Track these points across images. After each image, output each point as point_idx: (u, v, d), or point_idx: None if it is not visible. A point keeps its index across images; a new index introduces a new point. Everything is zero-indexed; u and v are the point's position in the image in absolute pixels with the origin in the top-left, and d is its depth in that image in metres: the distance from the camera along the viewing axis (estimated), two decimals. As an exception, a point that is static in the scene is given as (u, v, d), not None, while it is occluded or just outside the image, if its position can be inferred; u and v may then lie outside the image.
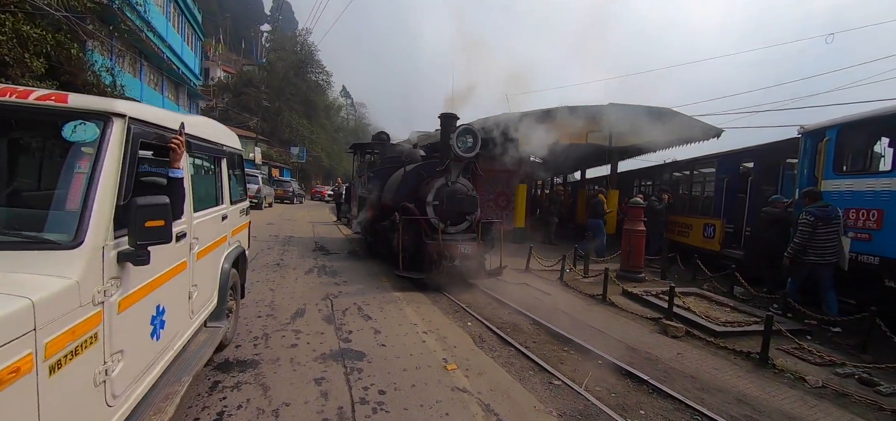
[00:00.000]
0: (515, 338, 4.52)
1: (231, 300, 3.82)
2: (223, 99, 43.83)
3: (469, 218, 6.72)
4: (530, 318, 5.20)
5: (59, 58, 10.14)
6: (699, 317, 5.20)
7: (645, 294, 6.29)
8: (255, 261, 7.64)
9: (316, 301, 5.35)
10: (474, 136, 6.48)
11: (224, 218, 3.55)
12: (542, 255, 8.76)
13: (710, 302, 6.34)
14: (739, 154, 8.90)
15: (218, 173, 3.50)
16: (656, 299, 6.00)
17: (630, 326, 5.23)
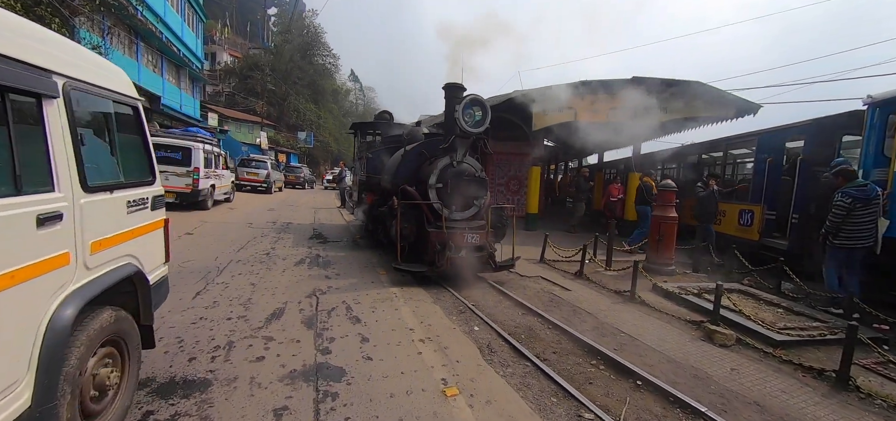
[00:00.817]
0: (531, 347, 3.74)
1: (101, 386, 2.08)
2: (229, 83, 43.29)
3: (477, 203, 5.90)
4: (548, 320, 4.41)
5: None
6: (753, 322, 4.34)
7: (682, 291, 5.43)
8: (243, 251, 6.97)
9: (300, 298, 4.63)
10: (483, 108, 5.63)
11: (47, 220, 1.74)
12: (559, 244, 7.92)
13: (757, 301, 5.47)
14: (785, 131, 7.87)
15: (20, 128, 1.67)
16: (697, 298, 5.14)
17: (667, 331, 4.40)
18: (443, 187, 5.70)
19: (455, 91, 5.93)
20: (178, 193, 11.04)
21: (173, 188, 10.87)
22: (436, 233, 5.44)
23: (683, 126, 12.52)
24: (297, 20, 49.55)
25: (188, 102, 24.54)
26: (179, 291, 4.71)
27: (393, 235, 5.76)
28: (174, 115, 21.42)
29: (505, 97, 10.62)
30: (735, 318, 4.50)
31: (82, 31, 12.82)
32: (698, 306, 4.96)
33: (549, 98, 10.91)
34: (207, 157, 11.96)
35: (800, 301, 5.52)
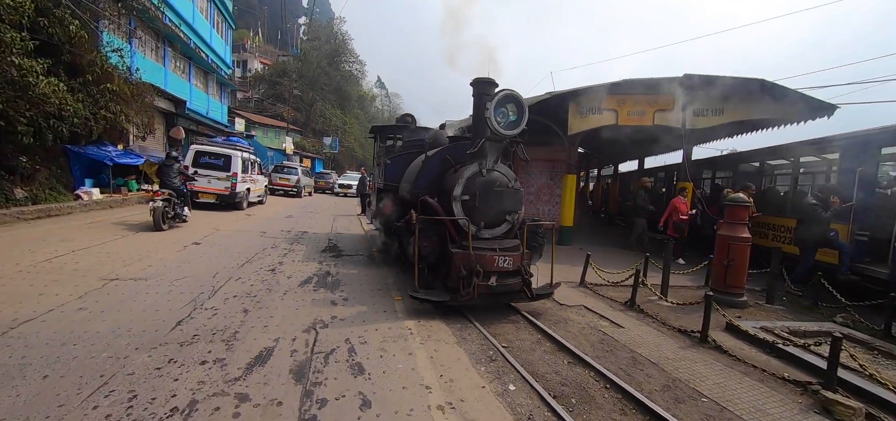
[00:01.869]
0: (586, 417, 2.79)
1: None
2: (259, 90, 44.07)
3: (510, 218, 4.98)
4: (602, 373, 3.44)
5: (53, 33, 9.25)
6: (890, 389, 3.21)
7: (777, 339, 4.29)
8: (247, 265, 6.30)
9: (295, 333, 3.84)
10: (519, 107, 4.72)
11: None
12: (601, 263, 6.87)
13: (869, 350, 4.28)
14: (883, 135, 6.55)
15: None
16: (797, 348, 4.01)
17: (764, 396, 3.33)
18: (469, 199, 4.81)
19: (485, 87, 5.04)
20: (219, 195, 12.31)
21: (215, 190, 12.19)
22: (461, 254, 4.54)
23: (741, 129, 11.17)
24: (325, 27, 50.13)
25: (215, 108, 24.74)
26: (162, 316, 4.02)
27: (410, 255, 4.91)
28: (200, 119, 21.50)
29: (539, 98, 9.67)
30: (857, 380, 3.38)
31: (106, 33, 12.76)
32: (799, 359, 3.84)
33: (586, 99, 9.88)
34: (244, 164, 13.14)
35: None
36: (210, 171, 12.09)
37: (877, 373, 3.27)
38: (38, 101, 8.35)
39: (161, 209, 8.40)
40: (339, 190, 26.73)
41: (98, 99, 10.81)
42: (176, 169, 9.23)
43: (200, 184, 11.74)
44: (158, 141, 17.47)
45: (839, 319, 5.39)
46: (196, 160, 12.05)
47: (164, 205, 8.50)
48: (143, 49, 16.21)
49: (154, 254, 6.55)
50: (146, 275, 5.38)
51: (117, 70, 12.01)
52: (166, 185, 8.84)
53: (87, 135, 11.05)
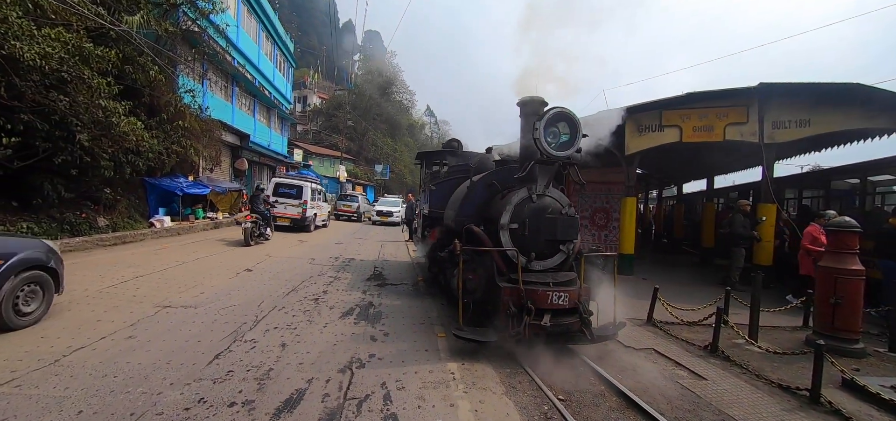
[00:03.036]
0: (673, 507, 2.19)
1: None
2: (317, 122, 46.80)
3: (565, 248, 4.46)
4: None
5: (136, 78, 10.22)
6: None
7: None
8: (293, 294, 6.26)
9: (330, 373, 3.58)
10: (573, 125, 4.27)
11: None
12: (670, 297, 6.05)
13: None
14: None
15: None
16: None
17: (918, 486, 2.51)
18: (518, 228, 4.38)
19: (534, 106, 4.66)
20: (292, 219, 14.79)
21: (290, 215, 14.71)
22: (509, 289, 4.09)
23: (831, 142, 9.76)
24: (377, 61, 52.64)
25: (276, 140, 26.38)
26: (202, 347, 3.96)
27: (454, 288, 4.54)
28: (262, 151, 22.97)
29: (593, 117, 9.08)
30: None
31: (182, 76, 14.04)
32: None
33: (645, 116, 9.12)
34: (313, 193, 15.80)
35: None
36: (286, 199, 14.67)
37: None
38: (119, 138, 9.17)
39: (249, 229, 10.78)
40: (378, 218, 23.06)
41: (171, 135, 11.77)
42: (261, 198, 11.71)
43: (278, 210, 13.90)
44: (224, 172, 18.79)
45: None
46: (275, 190, 14.81)
47: (252, 226, 10.91)
48: (212, 88, 17.71)
49: (209, 280, 6.74)
50: (197, 302, 5.47)
51: (189, 108, 13.09)
52: (254, 210, 11.38)
53: (161, 167, 12.02)
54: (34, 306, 4.29)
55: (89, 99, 8.12)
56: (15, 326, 4.06)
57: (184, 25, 12.99)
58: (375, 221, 23.32)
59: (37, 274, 4.31)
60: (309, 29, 63.87)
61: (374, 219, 23.54)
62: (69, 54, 7.52)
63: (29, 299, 4.25)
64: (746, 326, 5.09)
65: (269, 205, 12.37)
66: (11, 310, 4.05)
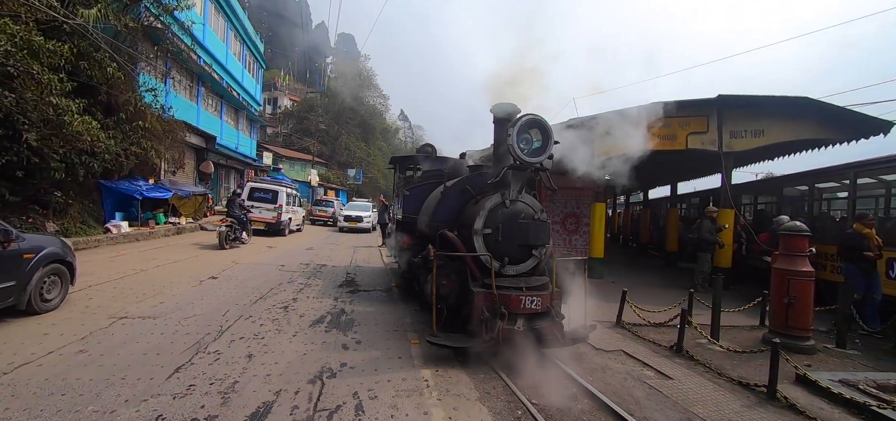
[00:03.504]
0: (642, 507, 2.24)
1: None
2: (287, 125, 45.70)
3: (537, 253, 4.52)
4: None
5: (93, 75, 9.67)
6: None
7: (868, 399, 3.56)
8: (260, 302, 6.05)
9: (299, 384, 3.46)
10: (544, 132, 4.34)
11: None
12: (638, 299, 6.25)
13: None
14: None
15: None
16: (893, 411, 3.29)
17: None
18: (492, 233, 4.40)
19: (506, 113, 4.71)
20: (267, 223, 14.78)
21: (264, 219, 14.68)
22: (483, 294, 4.11)
23: (783, 151, 10.40)
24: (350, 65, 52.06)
25: (245, 142, 25.57)
26: (162, 360, 3.75)
27: (428, 294, 4.51)
28: (229, 154, 22.19)
29: (562, 125, 9.29)
30: None
31: (143, 75, 13.38)
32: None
33: (613, 124, 9.42)
34: (288, 198, 15.94)
35: None
36: (261, 203, 14.80)
37: None
38: (71, 138, 8.63)
39: (224, 233, 10.98)
40: (346, 224, 20.61)
41: (130, 135, 11.18)
42: (237, 203, 11.98)
43: (253, 214, 13.95)
44: (188, 175, 18.02)
45: (932, 370, 4.56)
46: (250, 194, 14.89)
47: (227, 230, 11.11)
48: (176, 88, 16.97)
49: (169, 289, 6.41)
50: (156, 312, 5.18)
51: (151, 108, 12.49)
52: (230, 214, 11.63)
53: (118, 170, 11.39)
54: (54, 294, 5.02)
55: (38, 96, 7.60)
56: (40, 310, 4.79)
57: (146, 21, 12.41)
58: (343, 226, 20.77)
59: (57, 266, 5.02)
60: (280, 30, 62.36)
61: (341, 225, 21.04)
62: (16, 48, 7.03)
63: (51, 288, 4.97)
64: (709, 327, 5.31)
65: (245, 209, 12.57)
66: (39, 296, 4.77)
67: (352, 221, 20.65)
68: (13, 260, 4.46)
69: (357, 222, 20.60)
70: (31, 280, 4.61)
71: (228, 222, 11.35)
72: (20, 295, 4.54)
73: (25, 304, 4.61)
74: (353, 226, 20.50)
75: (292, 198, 16.88)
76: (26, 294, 4.59)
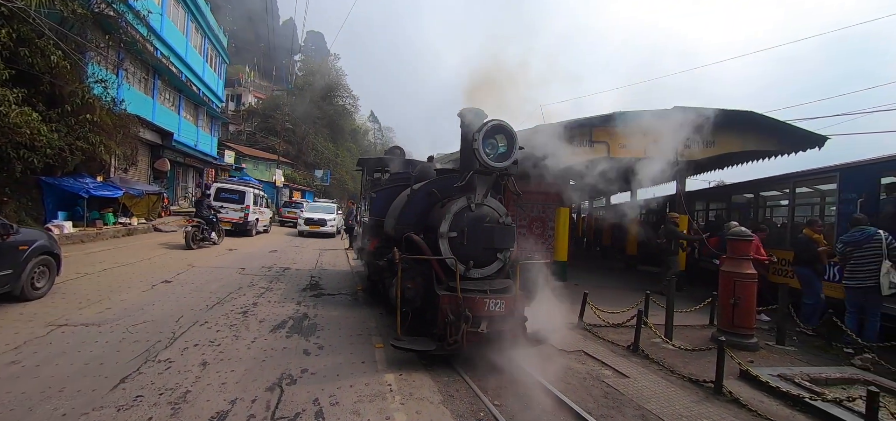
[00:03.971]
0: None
1: None
2: (251, 123, 44.13)
3: (502, 256, 4.60)
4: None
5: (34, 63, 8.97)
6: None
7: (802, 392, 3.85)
8: (218, 307, 5.80)
9: (257, 392, 3.34)
10: (509, 137, 4.43)
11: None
12: (599, 301, 6.47)
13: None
14: (882, 165, 6.38)
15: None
16: (825, 402, 3.57)
17: (795, 462, 2.90)
18: (457, 236, 4.43)
19: (473, 117, 4.77)
20: (234, 223, 14.84)
21: (231, 219, 14.79)
22: (448, 297, 4.13)
23: (732, 161, 11.09)
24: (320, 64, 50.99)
25: (205, 140, 24.48)
26: (106, 371, 3.52)
27: (393, 297, 4.48)
28: (188, 151, 21.18)
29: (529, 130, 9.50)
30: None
31: (93, 65, 12.54)
32: (831, 416, 3.42)
33: (577, 132, 9.73)
34: (255, 198, 16.15)
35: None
36: (228, 203, 14.97)
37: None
38: (8, 130, 7.97)
39: (191, 233, 11.00)
40: (306, 228, 18.35)
41: (76, 129, 10.44)
42: (206, 203, 12.18)
43: (222, 215, 14.27)
44: (142, 173, 17.04)
45: (859, 363, 4.99)
46: (217, 195, 14.95)
47: (194, 230, 11.10)
48: (130, 81, 16.02)
49: (117, 294, 6.03)
50: (101, 319, 4.86)
51: (100, 101, 11.71)
52: (199, 214, 11.72)
53: (62, 165, 10.61)
54: (43, 283, 5.50)
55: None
56: (31, 297, 5.26)
57: (97, 8, 11.66)
58: (303, 230, 18.39)
59: (46, 258, 5.49)
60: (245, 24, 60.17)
61: (301, 228, 18.53)
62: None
63: (40, 277, 5.44)
64: (663, 327, 5.57)
65: (215, 210, 12.79)
66: (30, 285, 5.25)
67: (313, 225, 18.39)
68: (10, 251, 4.92)
69: (319, 226, 18.40)
70: (25, 269, 5.11)
71: (196, 222, 11.37)
72: (15, 283, 5.03)
73: (20, 291, 5.09)
74: (315, 230, 18.35)
75: (260, 199, 16.91)
76: (21, 282, 5.07)
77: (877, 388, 3.07)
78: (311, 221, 18.51)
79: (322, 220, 18.51)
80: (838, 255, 5.61)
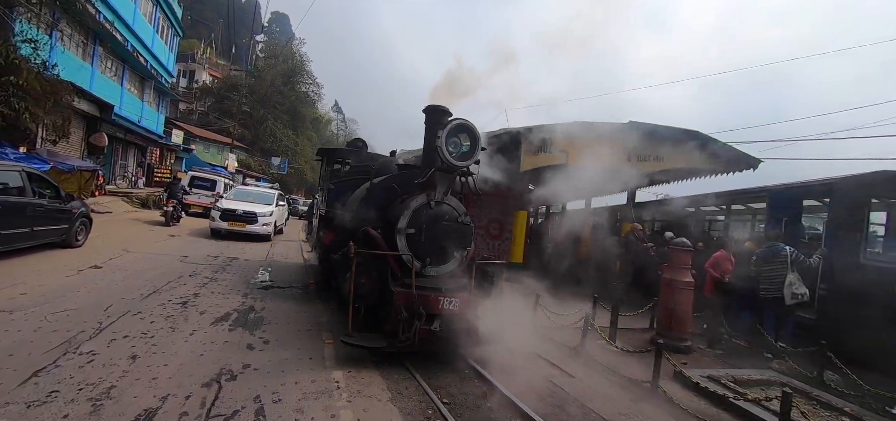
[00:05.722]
0: (536, 499, 2.37)
1: None
2: (205, 103, 41.62)
3: (459, 255, 4.61)
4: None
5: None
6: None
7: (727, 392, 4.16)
8: (154, 296, 5.40)
9: (193, 387, 3.14)
10: (473, 137, 4.45)
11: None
12: (551, 303, 6.67)
13: (808, 400, 4.29)
14: (805, 189, 7.04)
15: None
16: (746, 402, 3.88)
17: (718, 458, 3.13)
18: (415, 233, 4.39)
19: (438, 115, 4.73)
20: (205, 207, 15.95)
21: (202, 204, 16.52)
22: (402, 293, 4.08)
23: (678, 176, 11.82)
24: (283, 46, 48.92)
25: (151, 116, 22.77)
26: (15, 361, 3.18)
27: (346, 292, 4.37)
28: (130, 127, 19.61)
29: (494, 134, 9.63)
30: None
31: (21, 21, 11.27)
32: (751, 415, 3.72)
33: (539, 138, 9.99)
34: (225, 186, 18.42)
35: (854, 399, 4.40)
36: (201, 190, 17.34)
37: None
38: None
39: (170, 212, 12.68)
40: (223, 225, 11.73)
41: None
42: (179, 186, 13.95)
43: (193, 198, 16.35)
44: (75, 146, 15.56)
45: (776, 366, 5.48)
46: (192, 182, 17.41)
47: (172, 210, 12.78)
48: (66, 44, 14.55)
49: (35, 278, 5.47)
50: (14, 306, 4.38)
51: (28, 63, 10.55)
52: (174, 196, 13.18)
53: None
54: (82, 237, 7.92)
55: None
56: (75, 246, 7.63)
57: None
58: (220, 228, 11.77)
59: (85, 220, 7.97)
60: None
61: (216, 225, 11.84)
62: None
63: (80, 232, 7.82)
64: (608, 329, 5.83)
65: (186, 192, 14.91)
66: (74, 237, 7.58)
67: (236, 221, 11.85)
68: (66, 213, 7.37)
69: (247, 223, 11.95)
70: (74, 226, 7.56)
71: (174, 203, 12.87)
72: (68, 234, 7.43)
73: (70, 240, 7.51)
74: (239, 229, 11.80)
75: (229, 187, 18.67)
76: (71, 234, 7.48)
77: (790, 389, 3.39)
78: (233, 215, 11.90)
79: (250, 214, 12.06)
80: (753, 268, 6.07)
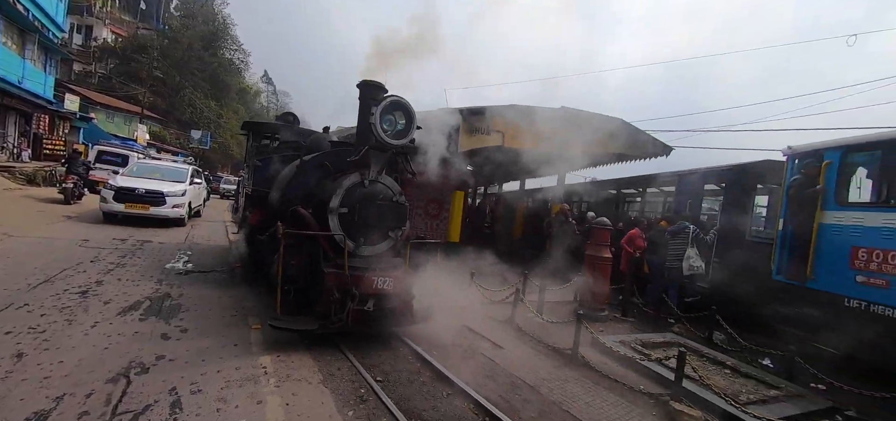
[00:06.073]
0: (464, 464, 2.51)
1: None
2: (106, 64, 36.48)
3: (393, 235, 4.59)
4: (482, 406, 3.24)
5: None
6: (721, 397, 3.64)
7: (635, 354, 4.66)
8: (46, 285, 4.75)
9: (97, 384, 2.83)
10: (408, 114, 4.40)
11: None
12: (485, 281, 6.94)
13: (699, 358, 4.95)
14: (705, 175, 7.96)
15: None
16: (650, 361, 4.39)
17: (626, 410, 3.52)
18: (348, 213, 4.29)
19: (373, 91, 4.60)
20: None
21: None
22: (334, 274, 3.99)
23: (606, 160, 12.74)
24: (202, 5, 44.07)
25: (35, 77, 19.47)
26: None
27: (274, 275, 4.17)
28: (8, 89, 16.67)
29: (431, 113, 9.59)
30: (697, 389, 3.79)
31: None
32: (653, 372, 4.22)
33: (476, 119, 10.15)
34: None
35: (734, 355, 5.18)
36: (110, 166, 15.12)
37: (711, 382, 3.71)
38: None
39: (71, 189, 11.71)
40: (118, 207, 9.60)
41: None
42: (80, 162, 13.04)
43: (100, 175, 14.22)
44: (-71, 110, 12.90)
45: (676, 330, 6.24)
46: (99, 157, 15.89)
47: (73, 186, 11.79)
48: None
49: None
50: None
51: None
52: (73, 171, 12.23)
53: None
54: None
55: None
56: None
57: None
58: (113, 210, 9.63)
59: None
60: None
61: (108, 207, 9.66)
62: None
63: None
64: (536, 303, 6.22)
65: (88, 169, 13.66)
66: None
67: (136, 203, 9.77)
68: None
69: (152, 205, 9.92)
70: None
71: (75, 180, 11.95)
72: None
73: None
74: (141, 212, 9.80)
75: None
76: None
77: (685, 349, 3.90)
78: (131, 195, 9.76)
79: (156, 194, 10.02)
80: (669, 243, 6.80)
